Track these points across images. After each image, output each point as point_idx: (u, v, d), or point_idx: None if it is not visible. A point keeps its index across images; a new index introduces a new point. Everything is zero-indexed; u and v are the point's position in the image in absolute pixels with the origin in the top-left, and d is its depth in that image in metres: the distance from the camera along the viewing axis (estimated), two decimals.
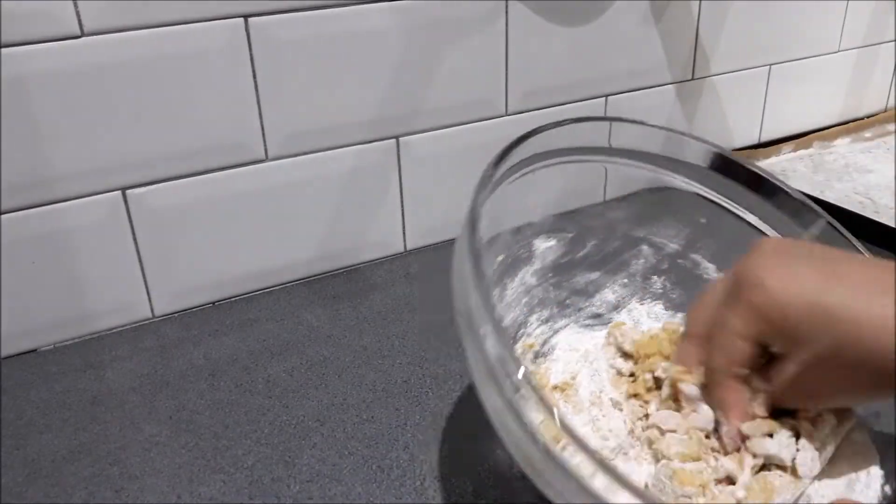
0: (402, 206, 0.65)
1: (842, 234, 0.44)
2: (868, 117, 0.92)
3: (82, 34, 0.48)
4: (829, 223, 0.45)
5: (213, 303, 0.60)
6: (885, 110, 0.95)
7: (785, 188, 0.46)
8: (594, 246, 0.50)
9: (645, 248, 0.50)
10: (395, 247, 0.66)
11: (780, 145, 0.85)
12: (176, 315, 0.59)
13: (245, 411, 0.48)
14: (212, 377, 0.51)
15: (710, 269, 0.49)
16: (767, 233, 0.47)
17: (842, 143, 0.88)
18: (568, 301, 0.49)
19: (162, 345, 0.55)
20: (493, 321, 0.31)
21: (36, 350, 0.55)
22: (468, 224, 0.35)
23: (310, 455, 0.45)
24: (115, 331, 0.57)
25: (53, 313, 0.54)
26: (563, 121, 0.44)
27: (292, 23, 0.54)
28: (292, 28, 0.54)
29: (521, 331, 0.46)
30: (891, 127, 0.91)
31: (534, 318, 0.48)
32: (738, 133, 0.83)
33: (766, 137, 0.86)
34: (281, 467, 0.44)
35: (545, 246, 0.48)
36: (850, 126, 0.90)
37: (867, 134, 0.90)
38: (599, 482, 0.27)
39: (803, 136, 0.87)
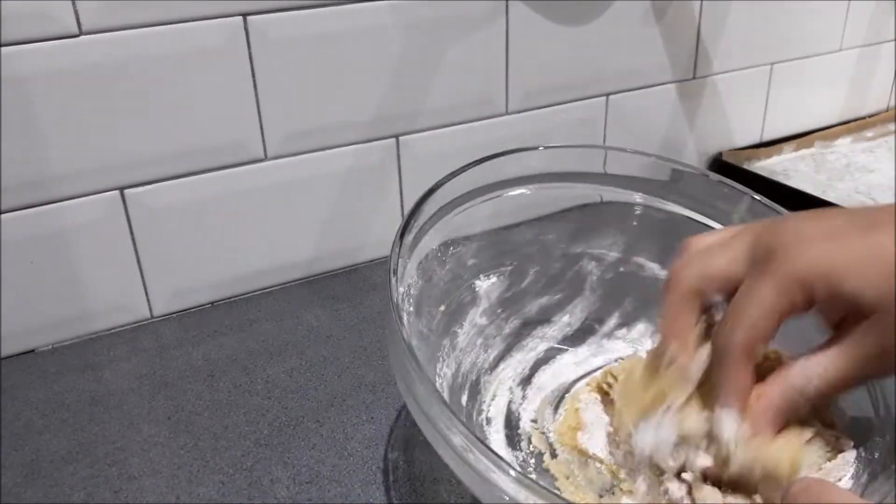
0: (402, 205, 0.65)
1: (770, 207, 0.44)
2: (870, 117, 0.92)
3: (80, 33, 0.48)
4: (753, 199, 0.45)
5: (212, 303, 0.60)
6: (887, 110, 0.95)
7: (703, 173, 0.47)
8: (536, 272, 0.49)
9: (586, 262, 0.50)
10: None
11: (782, 144, 0.85)
12: (174, 315, 0.58)
13: (244, 412, 0.48)
14: (211, 378, 0.51)
15: (655, 269, 0.49)
16: (699, 220, 0.46)
17: (843, 143, 0.88)
18: (524, 332, 0.48)
19: (160, 345, 0.55)
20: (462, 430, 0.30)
21: (34, 350, 0.55)
22: (393, 316, 0.34)
23: (309, 456, 0.44)
24: (113, 331, 0.57)
25: (51, 313, 0.54)
26: (464, 167, 0.43)
27: (291, 21, 0.54)
28: (291, 27, 0.54)
29: (485, 377, 0.46)
30: (892, 126, 0.91)
31: (492, 357, 0.47)
32: (739, 132, 0.83)
33: (767, 137, 0.86)
34: (280, 468, 0.44)
35: (487, 284, 0.47)
36: (852, 125, 0.89)
37: (869, 133, 0.90)
38: None
39: (805, 135, 0.86)
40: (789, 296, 0.30)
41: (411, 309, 0.40)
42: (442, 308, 0.44)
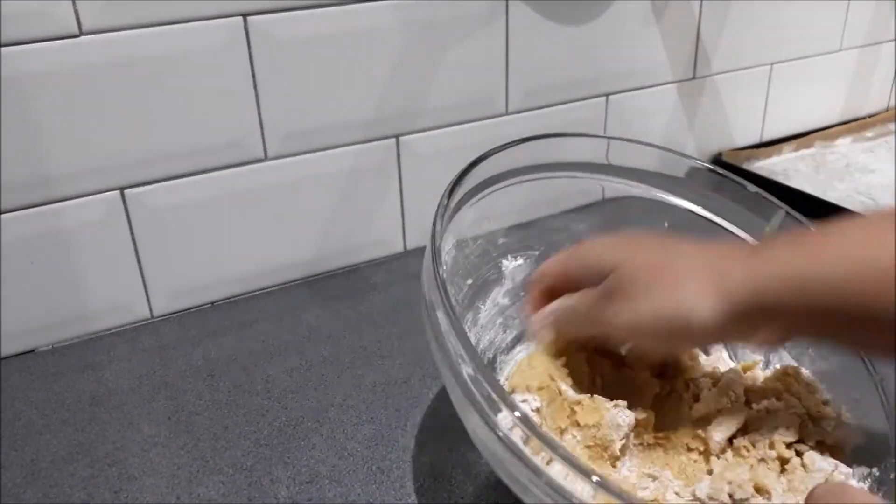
0: (402, 205, 0.65)
1: (802, 222, 0.44)
2: (870, 117, 0.92)
3: (81, 33, 0.48)
4: (787, 213, 0.45)
5: (212, 303, 0.60)
6: (887, 110, 0.95)
7: (741, 183, 0.47)
8: None
9: None
10: (394, 246, 0.66)
11: (782, 145, 0.85)
12: (174, 315, 0.58)
13: (244, 412, 0.48)
14: (210, 377, 0.51)
15: None
16: (730, 229, 0.47)
17: (843, 143, 0.88)
18: None
19: (160, 345, 0.55)
20: (483, 372, 0.31)
21: (34, 350, 0.55)
22: (430, 259, 0.35)
23: (309, 456, 0.44)
24: (113, 331, 0.57)
25: (52, 313, 0.54)
26: (513, 142, 0.44)
27: (291, 21, 0.54)
28: (291, 27, 0.54)
29: (501, 357, 0.46)
30: (892, 126, 0.91)
31: (510, 338, 0.47)
32: (739, 132, 0.83)
33: (767, 137, 0.86)
34: (280, 468, 0.43)
35: (514, 265, 0.48)
36: (852, 125, 0.89)
37: (869, 133, 0.90)
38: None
39: (805, 135, 0.86)
40: (566, 259, 0.41)
41: (444, 276, 0.40)
42: (469, 282, 0.45)
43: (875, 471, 0.37)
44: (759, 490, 0.35)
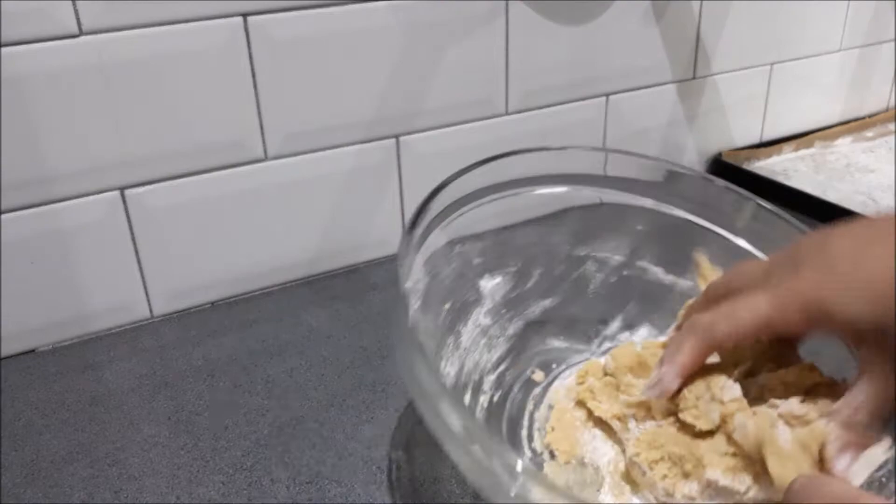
0: (402, 205, 0.65)
1: (774, 213, 0.44)
2: (870, 117, 0.92)
3: (80, 33, 0.48)
4: (758, 204, 0.45)
5: (212, 303, 0.60)
6: (887, 110, 0.95)
7: (708, 178, 0.47)
8: (540, 274, 0.49)
9: (590, 265, 0.50)
10: (394, 246, 0.65)
11: (782, 145, 0.85)
12: (174, 315, 0.58)
13: (244, 412, 0.48)
14: (210, 378, 0.51)
15: (658, 273, 0.49)
16: (703, 225, 0.47)
17: (843, 143, 0.88)
18: (527, 333, 0.48)
19: (160, 345, 0.55)
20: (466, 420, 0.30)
21: (34, 350, 0.55)
22: (400, 304, 0.34)
23: (309, 456, 0.44)
24: (113, 331, 0.56)
25: (52, 313, 0.54)
26: (472, 165, 0.43)
27: (291, 21, 0.54)
28: (291, 27, 0.54)
29: (488, 377, 0.46)
30: (892, 126, 0.91)
31: (495, 357, 0.47)
32: (739, 132, 0.83)
33: (767, 137, 0.86)
34: (280, 469, 0.43)
35: (492, 284, 0.47)
36: (852, 125, 0.89)
37: (869, 133, 0.90)
38: None
39: (805, 135, 0.86)
40: (782, 313, 0.30)
41: (417, 305, 0.39)
42: (447, 306, 0.44)
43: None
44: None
